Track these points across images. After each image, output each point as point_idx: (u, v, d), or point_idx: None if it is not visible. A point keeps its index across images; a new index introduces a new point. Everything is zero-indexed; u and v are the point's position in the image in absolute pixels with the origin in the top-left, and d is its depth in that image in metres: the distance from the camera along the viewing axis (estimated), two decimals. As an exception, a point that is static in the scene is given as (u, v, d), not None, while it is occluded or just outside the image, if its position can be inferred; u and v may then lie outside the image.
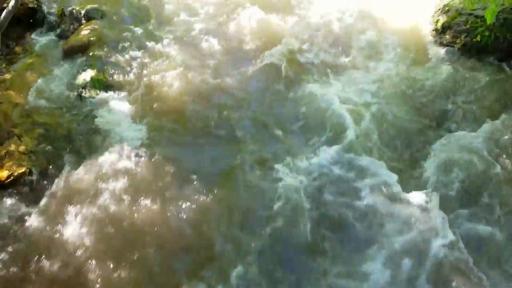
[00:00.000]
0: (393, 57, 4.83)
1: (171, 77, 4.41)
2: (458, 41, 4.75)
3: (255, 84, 4.61)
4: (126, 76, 4.54)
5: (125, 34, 5.05)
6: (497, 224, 3.22)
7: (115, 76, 4.50)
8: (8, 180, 3.34)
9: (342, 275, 2.96)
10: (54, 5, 5.38)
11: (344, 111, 4.08)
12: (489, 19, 3.06)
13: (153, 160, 3.57)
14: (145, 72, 4.56)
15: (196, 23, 5.30)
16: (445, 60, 4.70)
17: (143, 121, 4.00)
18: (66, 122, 3.97)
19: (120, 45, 4.86)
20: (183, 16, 5.41)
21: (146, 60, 4.73)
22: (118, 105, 4.19)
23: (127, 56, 4.76)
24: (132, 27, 5.20)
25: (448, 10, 4.86)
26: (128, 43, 4.90)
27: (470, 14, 4.67)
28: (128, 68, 4.63)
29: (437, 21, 5.01)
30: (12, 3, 3.07)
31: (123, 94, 4.33)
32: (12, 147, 3.59)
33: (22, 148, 3.61)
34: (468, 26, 4.69)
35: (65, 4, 5.39)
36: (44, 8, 5.30)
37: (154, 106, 4.15)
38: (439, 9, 5.07)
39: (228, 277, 2.87)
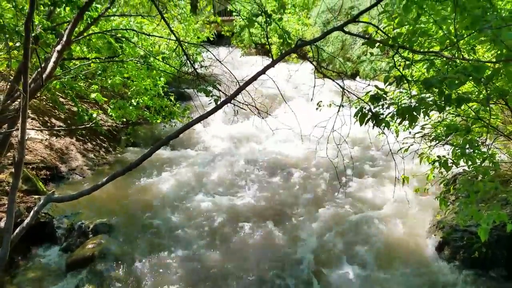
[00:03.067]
0: (396, 273, 4.90)
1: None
2: (457, 256, 4.82)
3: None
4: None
5: (129, 248, 5.20)
6: None
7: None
8: None
9: None
10: (65, 219, 5.65)
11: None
12: (483, 237, 3.21)
13: None
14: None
15: (200, 238, 5.50)
16: (447, 276, 4.72)
17: None
18: None
19: (123, 259, 4.96)
20: (189, 230, 5.65)
21: (146, 276, 4.79)
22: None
23: (128, 272, 4.81)
24: (138, 241, 5.38)
25: (443, 227, 5.07)
26: (131, 258, 5.01)
27: (465, 231, 4.84)
28: (127, 284, 4.65)
29: (434, 237, 5.19)
30: (27, 220, 3.23)
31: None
32: None
33: None
34: (465, 242, 4.84)
35: (75, 219, 5.67)
36: (55, 222, 5.54)
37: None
38: (434, 225, 5.34)
39: None
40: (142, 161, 3.27)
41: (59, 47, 3.76)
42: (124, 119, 7.38)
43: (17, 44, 4.54)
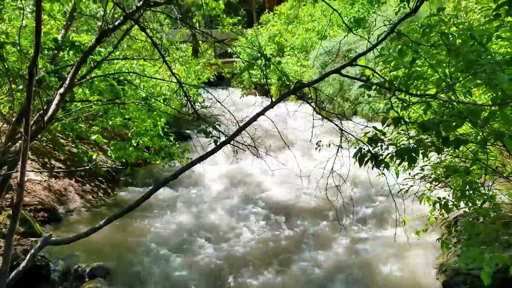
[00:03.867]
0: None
1: None
2: (462, 300, 4.70)
3: None
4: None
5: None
6: None
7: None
8: None
9: None
10: (61, 262, 5.53)
11: None
12: (485, 281, 3.14)
13: None
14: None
15: (199, 282, 5.39)
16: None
17: None
18: None
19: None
20: (188, 274, 5.53)
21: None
22: None
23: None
24: (135, 286, 5.29)
25: (446, 270, 4.97)
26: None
27: (468, 274, 4.73)
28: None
29: (437, 280, 5.07)
30: (23, 263, 3.18)
31: None
32: None
33: None
34: (468, 286, 4.72)
35: (72, 262, 5.55)
36: (51, 265, 5.42)
37: None
38: (436, 268, 5.22)
39: None
40: (141, 203, 3.25)
41: (61, 90, 3.82)
42: (124, 160, 7.38)
43: (20, 87, 4.62)
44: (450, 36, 2.84)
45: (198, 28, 7.34)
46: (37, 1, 2.54)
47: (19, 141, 4.26)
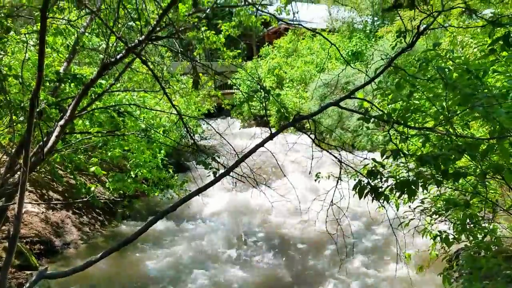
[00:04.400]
0: None
1: None
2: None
3: None
4: None
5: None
6: None
7: None
8: None
9: None
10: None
11: None
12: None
13: None
14: None
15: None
16: None
17: None
18: None
19: None
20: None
21: None
22: None
23: None
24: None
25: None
26: None
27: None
28: None
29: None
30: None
31: None
32: None
33: None
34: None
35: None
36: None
37: None
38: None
39: None
40: (138, 236, 3.21)
41: (62, 122, 3.85)
42: (122, 192, 7.34)
43: (21, 118, 4.64)
44: (447, 70, 2.89)
45: (198, 60, 7.46)
46: (41, 37, 2.59)
47: (18, 173, 4.25)
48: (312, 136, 3.53)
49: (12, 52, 5.57)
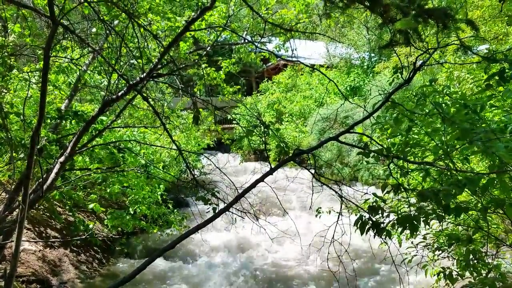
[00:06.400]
0: None
1: None
2: None
3: None
4: None
5: None
6: None
7: None
8: None
9: None
10: None
11: None
12: None
13: None
14: None
15: None
16: None
17: None
18: None
19: None
20: None
21: None
22: None
23: None
24: None
25: None
26: None
27: None
28: None
29: None
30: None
31: None
32: None
33: None
34: None
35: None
36: None
37: None
38: None
39: None
40: (136, 275, 3.15)
41: (62, 159, 3.85)
42: (120, 229, 7.25)
43: (21, 155, 4.65)
44: (444, 105, 2.92)
45: (199, 96, 7.55)
46: (43, 75, 2.64)
47: (17, 210, 4.21)
48: (312, 170, 3.53)
49: (15, 89, 5.65)
